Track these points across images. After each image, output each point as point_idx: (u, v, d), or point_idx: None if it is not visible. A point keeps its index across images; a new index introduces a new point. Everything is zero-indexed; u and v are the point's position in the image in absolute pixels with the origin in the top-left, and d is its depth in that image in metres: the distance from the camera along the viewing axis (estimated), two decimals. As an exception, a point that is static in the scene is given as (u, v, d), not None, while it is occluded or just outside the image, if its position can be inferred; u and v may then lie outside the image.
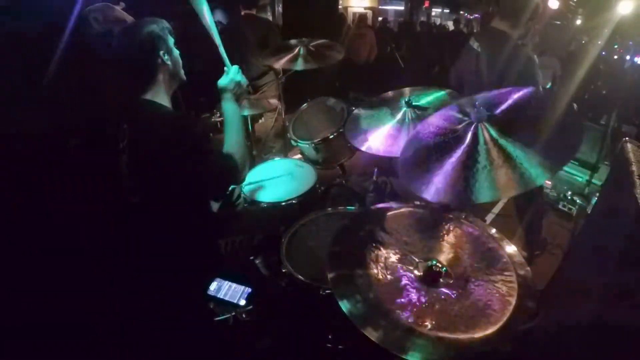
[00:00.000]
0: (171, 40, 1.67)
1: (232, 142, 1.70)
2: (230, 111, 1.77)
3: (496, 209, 3.69)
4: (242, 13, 4.19)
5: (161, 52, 1.61)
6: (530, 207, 2.89)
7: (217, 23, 5.11)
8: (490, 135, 1.26)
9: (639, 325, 0.92)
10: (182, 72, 1.74)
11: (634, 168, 0.98)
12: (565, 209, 3.64)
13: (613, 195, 1.13)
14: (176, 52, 1.69)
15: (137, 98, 1.63)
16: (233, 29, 4.22)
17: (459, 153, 1.28)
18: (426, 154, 1.37)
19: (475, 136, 1.28)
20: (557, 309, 1.35)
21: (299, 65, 2.66)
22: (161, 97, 1.67)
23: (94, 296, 1.68)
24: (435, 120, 1.52)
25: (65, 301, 1.60)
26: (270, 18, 7.82)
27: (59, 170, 1.68)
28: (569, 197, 3.73)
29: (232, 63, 1.85)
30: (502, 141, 1.23)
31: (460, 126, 1.37)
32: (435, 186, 1.24)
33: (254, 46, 3.96)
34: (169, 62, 1.64)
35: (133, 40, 1.58)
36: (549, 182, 3.99)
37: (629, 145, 1.12)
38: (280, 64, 2.74)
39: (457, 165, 1.25)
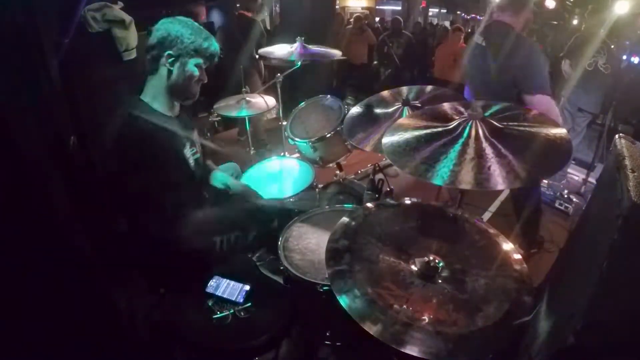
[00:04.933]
0: (198, 61, 1.69)
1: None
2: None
3: (493, 208, 3.71)
4: (236, 14, 4.23)
5: (166, 54, 1.63)
6: (528, 205, 2.90)
7: (212, 23, 5.14)
8: (477, 133, 1.33)
9: (628, 318, 0.94)
10: (188, 90, 1.74)
11: (627, 162, 0.99)
12: (562, 208, 3.66)
13: (607, 190, 1.14)
14: (191, 71, 1.69)
15: (134, 97, 1.65)
16: (225, 30, 4.27)
17: (444, 140, 1.36)
18: (417, 138, 1.44)
19: (463, 130, 1.36)
20: (552, 302, 1.37)
21: (295, 57, 2.68)
22: (158, 100, 1.72)
23: (93, 294, 1.68)
24: (435, 111, 1.60)
25: (62, 299, 1.60)
26: (268, 18, 7.85)
27: (60, 168, 1.68)
28: (566, 196, 3.75)
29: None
30: (485, 141, 1.30)
31: (456, 120, 1.42)
32: (415, 162, 1.32)
33: (245, 46, 4.00)
34: (172, 68, 1.66)
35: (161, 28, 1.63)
36: (545, 181, 4.01)
37: (622, 141, 1.14)
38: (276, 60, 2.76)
39: (435, 149, 1.34)
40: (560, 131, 1.31)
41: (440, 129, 1.42)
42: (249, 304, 1.55)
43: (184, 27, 1.65)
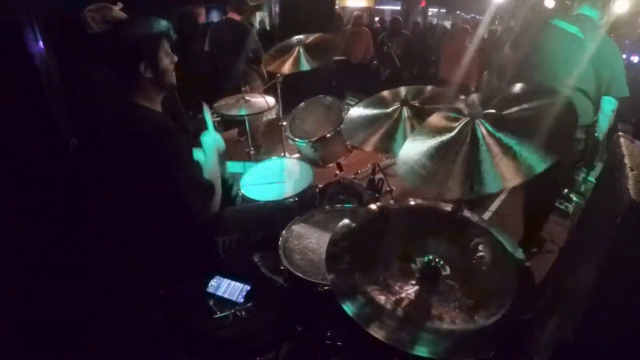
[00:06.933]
0: (164, 47, 1.58)
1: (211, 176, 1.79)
2: (210, 161, 1.85)
3: (493, 207, 3.71)
4: (226, 17, 4.25)
5: (142, 66, 1.52)
6: (540, 204, 2.91)
7: (210, 23, 5.15)
8: (487, 130, 1.24)
9: (628, 316, 0.94)
10: (171, 79, 1.65)
11: (626, 161, 0.99)
12: (562, 207, 3.66)
13: (606, 188, 1.14)
14: (166, 62, 1.60)
15: (128, 101, 1.60)
16: (215, 32, 4.29)
17: (462, 151, 1.24)
18: (428, 157, 1.33)
19: (474, 132, 1.26)
20: (552, 301, 1.37)
21: (304, 66, 2.67)
22: (151, 101, 1.63)
23: (92, 293, 1.69)
24: (432, 122, 1.48)
25: (64, 298, 1.61)
26: (267, 18, 7.84)
27: (60, 169, 1.69)
28: (566, 195, 3.75)
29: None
30: (498, 134, 1.21)
31: (457, 125, 1.35)
32: (447, 186, 1.19)
33: (234, 48, 4.03)
34: (149, 75, 1.55)
35: (116, 44, 1.51)
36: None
37: (622, 140, 1.14)
38: (284, 68, 2.74)
39: (463, 162, 1.22)
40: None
41: (447, 139, 1.33)
42: (250, 304, 1.55)
43: (137, 28, 1.52)
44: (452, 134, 1.32)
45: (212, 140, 1.92)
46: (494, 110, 1.30)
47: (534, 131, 1.16)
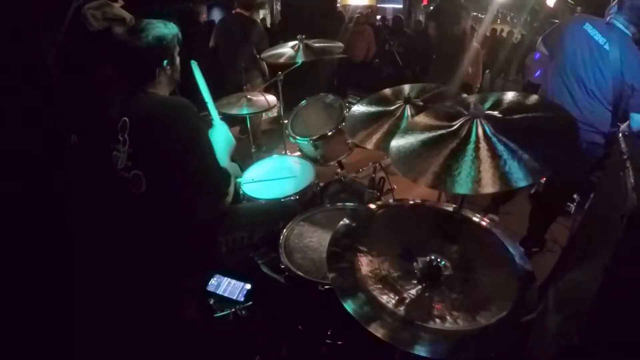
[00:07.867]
0: (177, 49, 1.71)
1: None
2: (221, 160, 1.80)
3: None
4: (233, 12, 4.26)
5: (165, 62, 1.64)
6: (552, 207, 2.90)
7: (213, 22, 5.14)
8: (484, 132, 1.23)
9: (635, 317, 0.93)
10: (178, 75, 1.79)
11: (630, 161, 0.98)
12: (563, 206, 3.64)
13: (610, 188, 1.13)
14: (177, 60, 1.74)
15: (137, 91, 1.63)
16: (222, 27, 4.29)
17: (452, 145, 1.25)
18: (421, 145, 1.34)
19: (469, 130, 1.25)
20: (555, 302, 1.36)
21: (299, 58, 2.66)
22: (160, 91, 1.70)
23: (93, 290, 1.68)
24: (432, 114, 1.49)
25: (64, 294, 1.60)
26: (269, 16, 7.82)
27: (62, 165, 1.68)
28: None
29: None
30: (493, 138, 1.20)
31: (457, 120, 1.34)
32: (427, 175, 1.20)
33: (241, 43, 4.04)
34: (169, 72, 1.69)
35: (141, 43, 1.58)
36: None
37: (625, 140, 1.13)
38: (281, 60, 2.74)
39: (447, 155, 1.22)
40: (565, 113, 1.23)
41: (444, 132, 1.33)
42: (250, 302, 1.54)
43: (160, 30, 1.62)
44: (451, 128, 1.31)
45: (221, 137, 1.92)
46: (496, 113, 1.30)
47: (534, 141, 1.15)
